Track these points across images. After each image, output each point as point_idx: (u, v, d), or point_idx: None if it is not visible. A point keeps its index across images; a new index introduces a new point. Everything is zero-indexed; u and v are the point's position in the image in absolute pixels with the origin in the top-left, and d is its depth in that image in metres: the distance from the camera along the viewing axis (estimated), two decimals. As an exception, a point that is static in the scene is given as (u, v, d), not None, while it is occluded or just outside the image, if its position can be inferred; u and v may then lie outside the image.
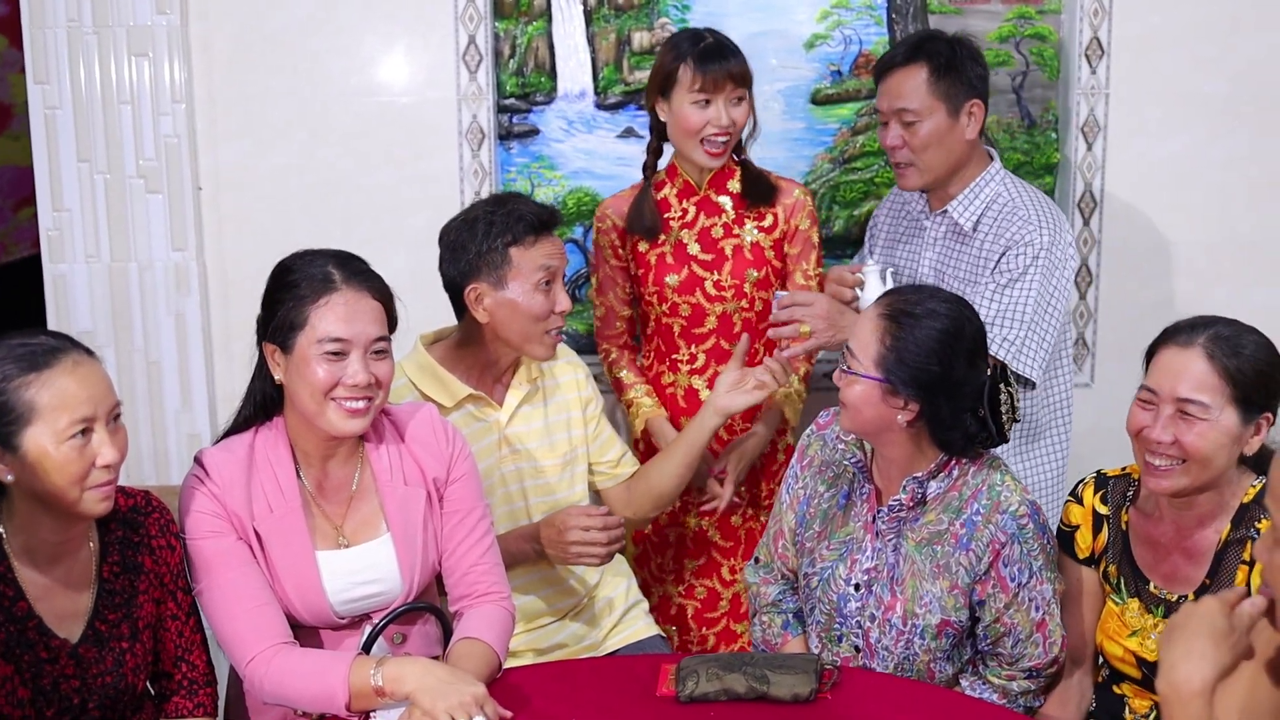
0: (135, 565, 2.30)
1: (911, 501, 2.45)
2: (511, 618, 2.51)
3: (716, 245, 3.21)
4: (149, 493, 2.38)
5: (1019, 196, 3.03)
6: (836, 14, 3.66)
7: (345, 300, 2.35)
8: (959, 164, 3.05)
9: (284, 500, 2.40)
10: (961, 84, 2.98)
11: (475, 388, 2.84)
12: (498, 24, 3.63)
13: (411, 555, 2.46)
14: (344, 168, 3.61)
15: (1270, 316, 3.67)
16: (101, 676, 2.23)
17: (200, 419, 3.61)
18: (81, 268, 3.54)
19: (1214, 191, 3.72)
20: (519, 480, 2.89)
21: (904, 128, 3.00)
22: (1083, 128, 3.66)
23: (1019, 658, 2.47)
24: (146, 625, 2.31)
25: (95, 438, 2.14)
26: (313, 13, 3.56)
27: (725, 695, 2.27)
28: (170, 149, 3.52)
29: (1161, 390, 2.33)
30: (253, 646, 2.30)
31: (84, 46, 3.46)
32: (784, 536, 2.67)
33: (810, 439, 2.67)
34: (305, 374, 2.34)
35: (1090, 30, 3.61)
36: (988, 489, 2.44)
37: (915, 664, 2.49)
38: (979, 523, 2.42)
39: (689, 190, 3.23)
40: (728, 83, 3.07)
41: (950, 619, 2.45)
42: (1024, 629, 2.44)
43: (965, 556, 2.42)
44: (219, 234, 3.61)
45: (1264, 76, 3.66)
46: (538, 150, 3.69)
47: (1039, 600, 2.44)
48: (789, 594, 2.71)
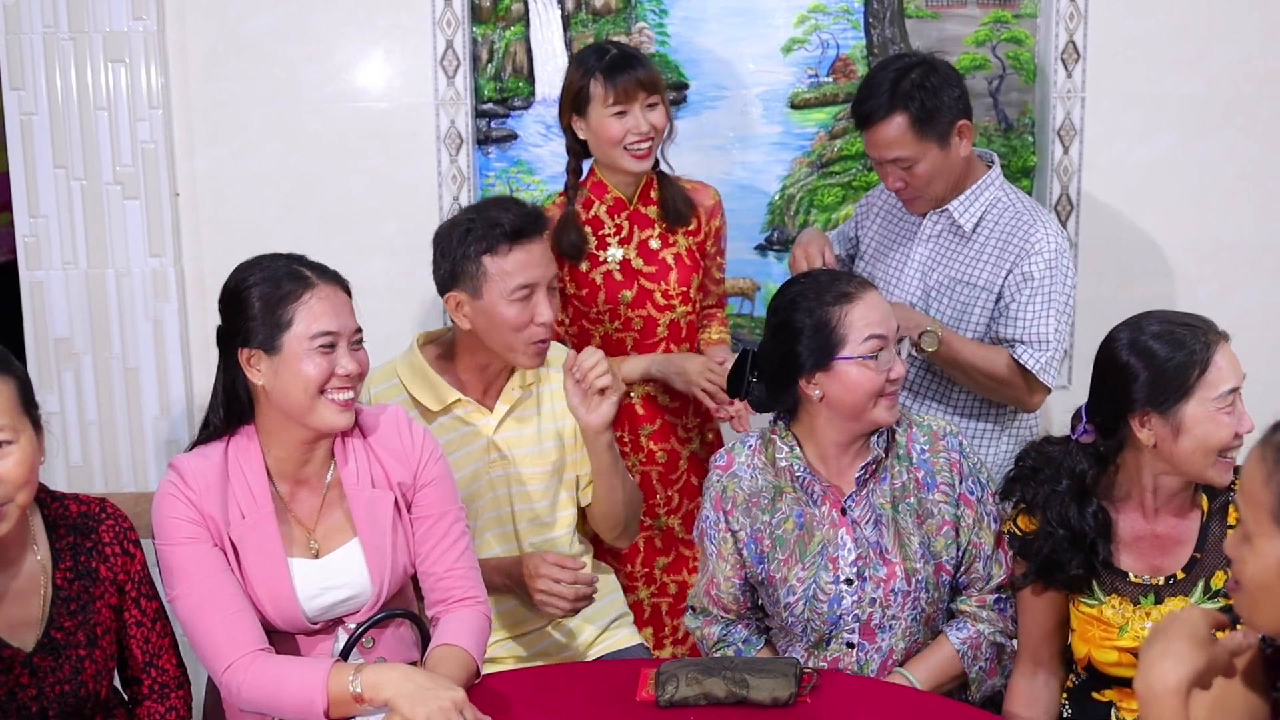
0: (89, 571, 2.29)
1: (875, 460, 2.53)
2: (488, 621, 2.50)
3: (656, 256, 3.24)
4: (106, 501, 2.38)
5: (1020, 202, 3.06)
6: (814, 18, 3.67)
7: (325, 294, 2.37)
8: (959, 180, 3.05)
9: (257, 508, 2.40)
10: (944, 116, 2.95)
11: (465, 392, 2.82)
12: (475, 29, 3.63)
13: (381, 560, 2.46)
14: (322, 173, 3.61)
15: (1247, 318, 3.71)
16: (59, 685, 2.21)
17: (178, 425, 3.60)
18: (58, 274, 3.53)
19: (1190, 194, 3.73)
20: (506, 486, 2.86)
21: (904, 172, 2.99)
22: (1059, 131, 3.68)
23: (988, 578, 2.56)
24: (105, 631, 2.30)
25: None
26: (290, 18, 3.55)
27: (705, 700, 2.27)
28: (147, 155, 3.51)
29: (1232, 384, 2.37)
30: (228, 654, 2.29)
31: (60, 52, 3.45)
32: (716, 584, 2.63)
33: (722, 482, 2.61)
34: (297, 371, 2.35)
35: (1066, 34, 3.63)
36: (916, 429, 2.58)
37: (922, 625, 2.55)
38: (930, 457, 2.54)
39: (620, 205, 3.24)
40: (639, 91, 3.10)
41: (943, 560, 2.53)
42: (988, 545, 2.56)
43: (937, 492, 2.52)
44: (196, 240, 3.60)
45: (1240, 79, 3.68)
46: (516, 155, 3.69)
47: (994, 512, 2.58)
48: (731, 627, 2.68)
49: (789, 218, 3.75)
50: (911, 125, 2.93)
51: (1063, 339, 3.00)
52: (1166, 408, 2.32)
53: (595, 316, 3.25)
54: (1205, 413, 2.32)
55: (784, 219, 3.76)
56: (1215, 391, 2.32)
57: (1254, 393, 3.85)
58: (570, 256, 3.20)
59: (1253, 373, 3.73)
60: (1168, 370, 2.33)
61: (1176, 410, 2.32)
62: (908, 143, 2.94)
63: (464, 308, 2.75)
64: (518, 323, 2.71)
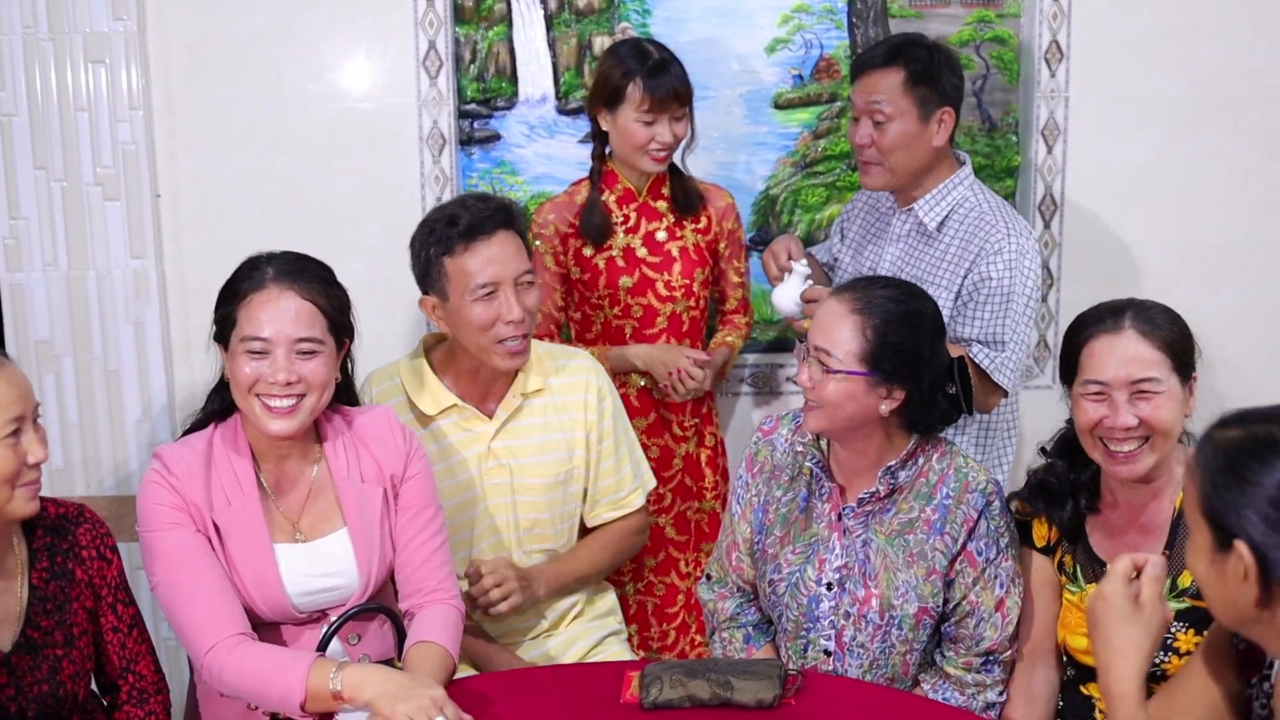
0: (65, 572, 2.30)
1: (886, 491, 2.48)
2: (461, 615, 2.50)
3: (662, 248, 3.28)
4: (84, 506, 2.40)
5: (985, 203, 3.05)
6: (797, 18, 3.66)
7: (268, 299, 2.36)
8: (924, 169, 3.06)
9: (242, 494, 2.41)
10: (935, 91, 2.99)
11: (464, 397, 2.78)
12: (458, 29, 3.61)
13: (369, 550, 2.46)
14: (304, 175, 3.59)
15: (1231, 317, 3.73)
16: (37, 685, 2.21)
17: (160, 428, 3.58)
18: (39, 276, 3.50)
19: (1175, 194, 3.73)
20: (503, 495, 2.80)
21: (874, 127, 3.01)
22: (1043, 131, 3.68)
23: (979, 639, 2.49)
24: (82, 633, 2.30)
25: (25, 437, 2.18)
26: (272, 18, 3.53)
27: (689, 702, 2.26)
28: (128, 156, 3.49)
29: (1113, 379, 2.37)
30: (210, 636, 2.29)
31: (39, 53, 3.43)
32: (738, 548, 2.66)
33: (758, 446, 2.66)
34: (234, 370, 2.38)
35: (1050, 34, 3.63)
36: (954, 472, 2.50)
37: (890, 658, 2.50)
38: (951, 505, 2.48)
39: (629, 196, 3.29)
40: (673, 103, 3.14)
41: (928, 605, 2.47)
42: (987, 607, 2.48)
43: (941, 540, 2.47)
44: (178, 242, 3.58)
45: (1224, 79, 3.68)
46: (499, 155, 3.68)
47: (1003, 577, 2.49)
48: (747, 606, 2.70)
49: (773, 218, 3.75)
50: (904, 81, 2.98)
51: (1022, 341, 2.98)
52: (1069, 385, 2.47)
53: (596, 302, 3.29)
54: (1076, 393, 2.43)
55: (768, 219, 3.75)
56: (1083, 377, 2.41)
57: (1239, 389, 3.86)
58: (593, 240, 3.25)
59: (1238, 371, 3.75)
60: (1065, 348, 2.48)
61: (1072, 389, 2.46)
62: (893, 97, 2.98)
63: (437, 310, 2.72)
64: (482, 323, 2.65)
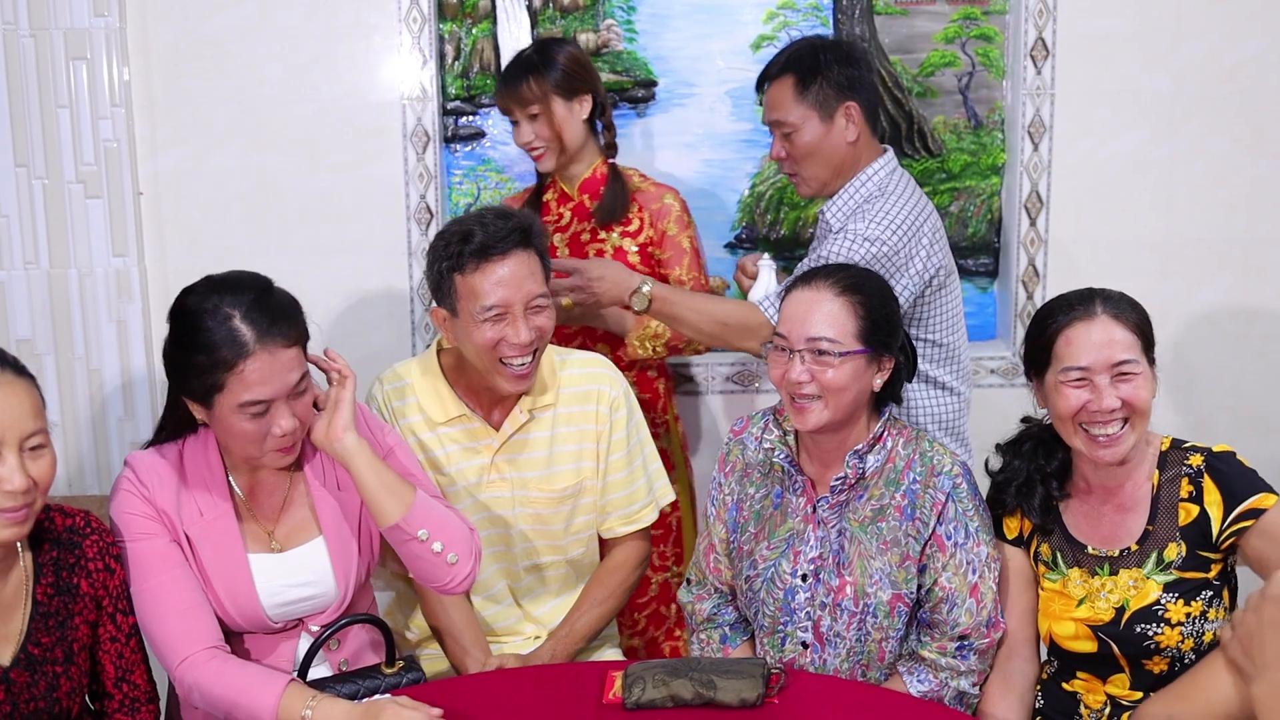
0: (70, 587, 2.25)
1: (855, 476, 2.49)
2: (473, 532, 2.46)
3: (583, 250, 3.25)
4: (90, 514, 2.33)
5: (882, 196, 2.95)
6: (783, 15, 3.66)
7: (261, 364, 2.23)
8: (842, 168, 3.00)
9: (215, 505, 2.38)
10: (829, 88, 2.94)
11: (472, 406, 2.71)
12: (442, 26, 3.60)
13: (346, 558, 2.44)
14: (287, 172, 3.58)
15: (1217, 313, 3.73)
16: (34, 701, 2.18)
17: (143, 427, 3.56)
18: (20, 274, 3.49)
19: (1160, 191, 3.74)
20: (508, 507, 2.74)
21: (785, 140, 3.00)
22: (1029, 128, 3.68)
23: (954, 624, 2.48)
24: (82, 648, 2.27)
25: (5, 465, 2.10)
26: (253, 15, 3.52)
27: (672, 701, 2.25)
28: (110, 153, 3.47)
29: (1094, 363, 2.39)
30: (183, 649, 2.27)
31: (20, 49, 3.41)
32: (715, 550, 2.67)
33: (729, 446, 2.67)
34: (230, 429, 2.29)
35: (1035, 31, 3.63)
36: (919, 457, 2.51)
37: (868, 646, 2.50)
38: (918, 490, 2.49)
39: (564, 197, 3.30)
40: (514, 105, 3.19)
41: (901, 592, 2.47)
42: (960, 592, 2.47)
43: (912, 525, 2.47)
44: (160, 239, 3.56)
45: (1209, 76, 3.69)
46: (483, 153, 3.67)
47: (975, 562, 2.48)
48: (724, 607, 2.70)
49: (758, 215, 3.74)
50: (794, 87, 2.96)
51: None
52: (1039, 377, 2.48)
53: None
54: (1053, 383, 2.43)
55: (754, 216, 3.74)
56: (1062, 365, 2.42)
57: (1221, 385, 3.87)
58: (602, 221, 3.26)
59: (1220, 366, 3.76)
60: (1035, 341, 2.48)
61: (1043, 380, 2.47)
62: (789, 105, 2.97)
63: (446, 323, 2.63)
64: (485, 344, 2.57)
